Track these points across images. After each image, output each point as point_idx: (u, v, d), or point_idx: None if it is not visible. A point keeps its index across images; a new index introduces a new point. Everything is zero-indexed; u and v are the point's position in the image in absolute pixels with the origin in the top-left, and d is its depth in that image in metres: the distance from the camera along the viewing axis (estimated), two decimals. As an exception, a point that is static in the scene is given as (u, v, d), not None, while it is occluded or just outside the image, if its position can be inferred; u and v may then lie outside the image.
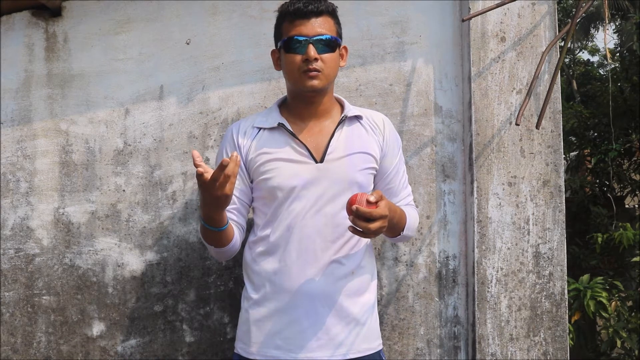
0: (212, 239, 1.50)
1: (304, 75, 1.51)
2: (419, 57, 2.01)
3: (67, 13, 2.03)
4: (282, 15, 1.55)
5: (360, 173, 1.57)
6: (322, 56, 1.51)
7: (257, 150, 1.58)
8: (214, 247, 1.53)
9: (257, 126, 1.61)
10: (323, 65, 1.51)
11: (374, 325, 1.61)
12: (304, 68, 1.50)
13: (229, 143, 1.62)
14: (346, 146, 1.57)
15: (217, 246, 1.52)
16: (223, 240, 1.50)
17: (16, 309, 1.98)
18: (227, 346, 1.96)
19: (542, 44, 1.93)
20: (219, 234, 1.48)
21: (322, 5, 1.52)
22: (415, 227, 1.68)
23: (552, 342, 1.90)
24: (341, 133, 1.59)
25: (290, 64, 1.52)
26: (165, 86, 2.02)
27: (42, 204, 2.00)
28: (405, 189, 1.70)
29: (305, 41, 1.49)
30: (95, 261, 1.99)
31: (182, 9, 2.02)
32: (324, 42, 1.51)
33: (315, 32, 1.50)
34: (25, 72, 2.02)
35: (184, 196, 2.00)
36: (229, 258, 1.61)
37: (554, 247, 1.91)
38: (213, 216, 1.43)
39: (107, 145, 2.02)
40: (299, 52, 1.50)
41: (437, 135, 2.00)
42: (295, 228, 1.53)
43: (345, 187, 1.54)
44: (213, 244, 1.52)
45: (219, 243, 1.51)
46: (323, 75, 1.52)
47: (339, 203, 1.53)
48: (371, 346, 1.58)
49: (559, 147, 1.93)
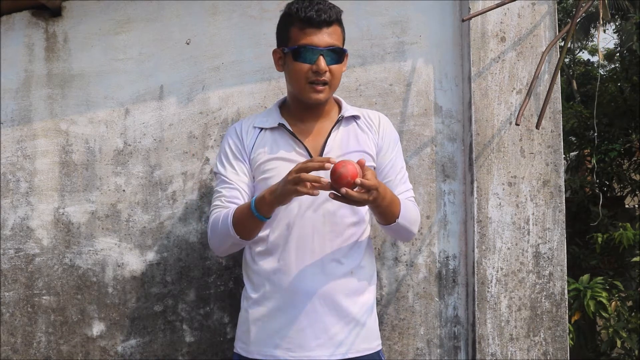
0: (253, 229, 1.49)
1: (311, 87, 1.50)
2: (419, 57, 2.01)
3: (67, 13, 2.03)
4: (290, 18, 1.51)
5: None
6: (330, 67, 1.50)
7: (258, 149, 1.59)
8: (244, 240, 1.50)
9: (257, 126, 1.62)
10: (331, 77, 1.51)
11: (373, 325, 1.61)
12: (311, 79, 1.49)
13: (234, 139, 1.62)
14: (342, 146, 1.58)
15: (250, 237, 1.51)
16: (260, 229, 1.51)
17: (16, 309, 1.98)
18: (227, 346, 1.96)
19: (542, 44, 1.93)
20: (262, 224, 1.49)
21: (333, 14, 1.50)
22: (414, 221, 1.61)
23: (552, 342, 1.90)
24: (337, 133, 1.59)
25: (297, 72, 1.51)
26: (165, 86, 2.02)
27: (42, 204, 2.00)
28: (403, 184, 1.65)
29: (316, 52, 1.48)
30: (95, 261, 1.99)
31: (182, 9, 2.02)
32: (334, 53, 1.50)
33: (327, 43, 1.49)
34: (25, 72, 2.02)
35: (184, 196, 2.00)
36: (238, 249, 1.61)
37: (554, 247, 1.91)
38: (275, 207, 1.44)
39: (107, 145, 2.01)
40: (309, 62, 1.49)
41: (437, 135, 2.00)
42: (294, 227, 1.53)
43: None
44: (247, 236, 1.50)
45: (254, 233, 1.51)
46: (329, 88, 1.53)
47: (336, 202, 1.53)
48: (370, 346, 1.58)
49: (559, 147, 1.93)
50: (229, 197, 1.56)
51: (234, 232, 1.48)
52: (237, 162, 1.60)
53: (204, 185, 1.99)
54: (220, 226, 1.51)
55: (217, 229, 1.53)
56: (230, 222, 1.48)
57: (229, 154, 1.62)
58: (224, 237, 1.52)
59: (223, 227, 1.50)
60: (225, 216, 1.50)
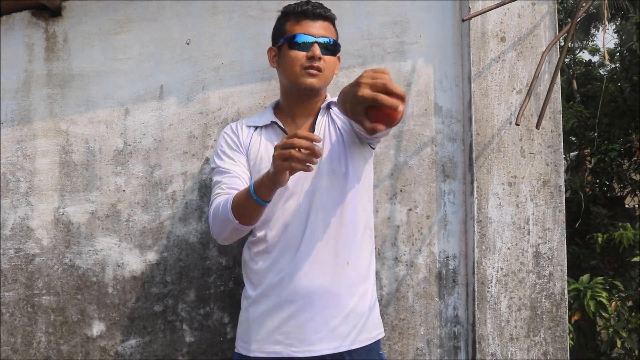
0: (252, 214, 1.46)
1: (305, 72, 1.55)
2: (419, 57, 2.01)
3: (67, 13, 2.03)
4: (286, 14, 1.60)
5: (346, 160, 1.58)
6: (324, 57, 1.56)
7: (252, 147, 1.62)
8: (244, 225, 1.48)
9: (250, 125, 1.66)
10: (325, 65, 1.57)
11: (373, 314, 1.62)
12: (306, 65, 1.55)
13: (231, 135, 1.65)
14: (325, 138, 1.60)
15: (250, 223, 1.49)
16: (261, 215, 1.49)
17: (16, 309, 1.98)
18: (227, 346, 1.96)
19: (542, 44, 1.93)
20: (262, 209, 1.46)
21: (327, 12, 1.59)
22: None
23: (552, 342, 1.90)
24: (321, 127, 1.61)
25: (292, 59, 1.56)
26: (165, 86, 2.02)
27: (42, 204, 2.00)
28: None
29: (312, 40, 1.55)
30: (95, 261, 1.99)
31: (182, 9, 2.02)
32: (328, 45, 1.57)
33: (321, 34, 1.56)
34: (25, 72, 2.02)
35: (184, 196, 2.00)
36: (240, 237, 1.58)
37: (554, 247, 1.91)
38: (274, 190, 1.40)
39: (107, 145, 2.02)
40: (304, 50, 1.55)
41: (437, 135, 2.00)
42: (290, 225, 1.55)
43: (334, 179, 1.56)
44: (247, 221, 1.47)
45: (255, 219, 1.48)
46: (322, 76, 1.57)
47: (328, 195, 1.55)
48: (371, 335, 1.59)
49: (559, 147, 1.93)
50: (230, 184, 1.56)
51: (233, 217, 1.46)
52: (235, 154, 1.62)
53: (204, 185, 1.99)
54: (221, 212, 1.49)
55: (217, 215, 1.51)
56: (230, 207, 1.47)
57: (225, 148, 1.64)
58: (225, 223, 1.50)
59: (223, 213, 1.49)
60: (225, 202, 1.49)
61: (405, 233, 1.98)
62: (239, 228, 1.49)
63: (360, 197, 1.61)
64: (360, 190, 1.61)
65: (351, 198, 1.58)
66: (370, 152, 1.65)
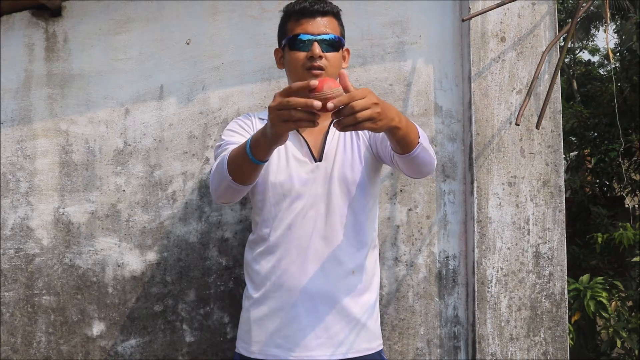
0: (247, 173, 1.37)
1: (307, 72, 1.52)
2: (419, 57, 2.01)
3: (67, 13, 2.03)
4: (287, 14, 1.59)
5: (358, 169, 1.56)
6: (326, 55, 1.53)
7: None
8: (237, 184, 1.39)
9: (264, 118, 1.58)
10: (327, 63, 1.53)
11: (375, 325, 1.60)
12: (307, 65, 1.52)
13: (244, 119, 1.60)
14: (339, 143, 1.57)
15: (244, 182, 1.40)
16: (257, 175, 1.42)
17: (16, 309, 1.98)
18: (227, 346, 1.96)
19: (542, 44, 1.93)
20: (260, 168, 1.38)
21: (327, 5, 1.56)
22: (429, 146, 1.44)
23: (552, 342, 1.90)
24: (335, 130, 1.56)
25: (294, 60, 1.54)
26: (165, 86, 2.02)
27: (42, 204, 2.00)
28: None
29: (311, 39, 1.52)
30: (95, 261, 1.99)
31: (182, 9, 2.03)
32: (329, 42, 1.54)
33: (320, 31, 1.54)
34: (25, 72, 2.03)
35: (184, 196, 2.00)
36: (237, 200, 1.51)
37: (554, 247, 1.91)
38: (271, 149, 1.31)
39: (107, 145, 2.02)
40: (304, 50, 1.53)
41: (437, 135, 2.00)
42: (295, 226, 1.53)
43: (343, 185, 1.54)
44: (241, 179, 1.38)
45: (250, 178, 1.40)
46: (326, 74, 1.53)
47: (338, 201, 1.53)
48: (371, 346, 1.57)
49: (559, 147, 1.93)
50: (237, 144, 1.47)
51: (226, 173, 1.38)
52: (245, 134, 1.55)
53: (204, 185, 1.99)
54: (217, 167, 1.43)
55: (215, 171, 1.44)
56: (226, 161, 1.39)
57: (236, 127, 1.58)
58: (220, 179, 1.42)
59: (219, 168, 1.42)
60: (223, 157, 1.42)
61: (405, 233, 1.98)
62: (232, 186, 1.40)
63: (370, 207, 1.59)
64: (370, 200, 1.58)
65: (362, 207, 1.56)
66: (381, 163, 1.60)
